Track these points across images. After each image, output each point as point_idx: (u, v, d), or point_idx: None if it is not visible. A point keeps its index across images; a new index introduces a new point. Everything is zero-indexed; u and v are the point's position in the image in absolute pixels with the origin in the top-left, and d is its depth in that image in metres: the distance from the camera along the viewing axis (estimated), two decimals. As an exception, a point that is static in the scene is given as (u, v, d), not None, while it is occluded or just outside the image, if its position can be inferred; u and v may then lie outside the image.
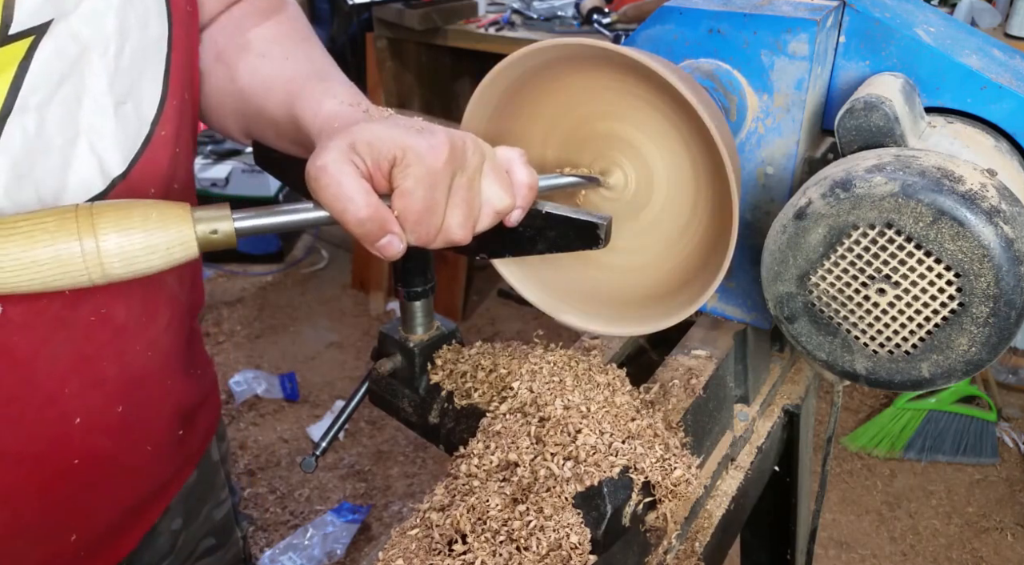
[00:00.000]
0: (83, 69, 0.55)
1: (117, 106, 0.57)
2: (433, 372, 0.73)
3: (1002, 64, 0.72)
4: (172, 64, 0.62)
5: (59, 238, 0.45)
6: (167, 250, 0.48)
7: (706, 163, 0.68)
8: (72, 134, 0.55)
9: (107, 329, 0.63)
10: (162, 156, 0.62)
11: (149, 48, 0.59)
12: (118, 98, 0.57)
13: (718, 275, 0.63)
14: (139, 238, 0.47)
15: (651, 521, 0.62)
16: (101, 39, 0.55)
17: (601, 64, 0.66)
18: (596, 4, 2.45)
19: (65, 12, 0.52)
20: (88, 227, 0.45)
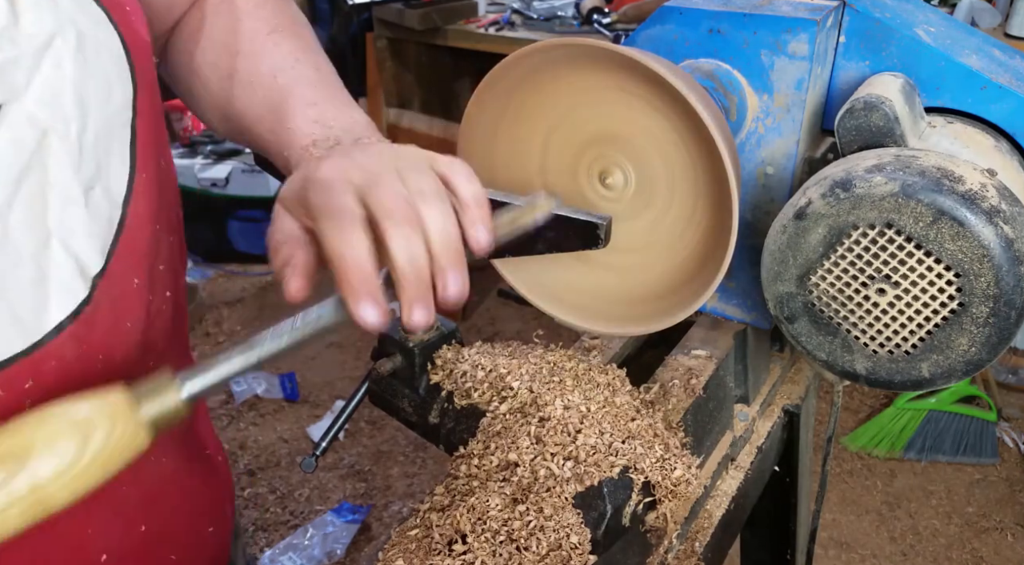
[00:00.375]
0: (45, 157, 0.46)
1: (86, 193, 0.48)
2: (433, 372, 0.73)
3: (1002, 64, 0.72)
4: (138, 132, 0.52)
5: None
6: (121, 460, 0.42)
7: (706, 163, 0.68)
8: (43, 236, 0.46)
9: None
10: (140, 238, 0.54)
11: (112, 120, 0.50)
12: (86, 184, 0.48)
13: (718, 275, 0.63)
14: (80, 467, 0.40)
15: (651, 521, 0.62)
16: (61, 119, 0.46)
17: (601, 64, 0.66)
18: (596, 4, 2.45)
19: (16, 93, 0.44)
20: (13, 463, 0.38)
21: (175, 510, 0.65)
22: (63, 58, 0.46)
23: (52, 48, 0.45)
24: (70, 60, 0.46)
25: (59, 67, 0.46)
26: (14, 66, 0.43)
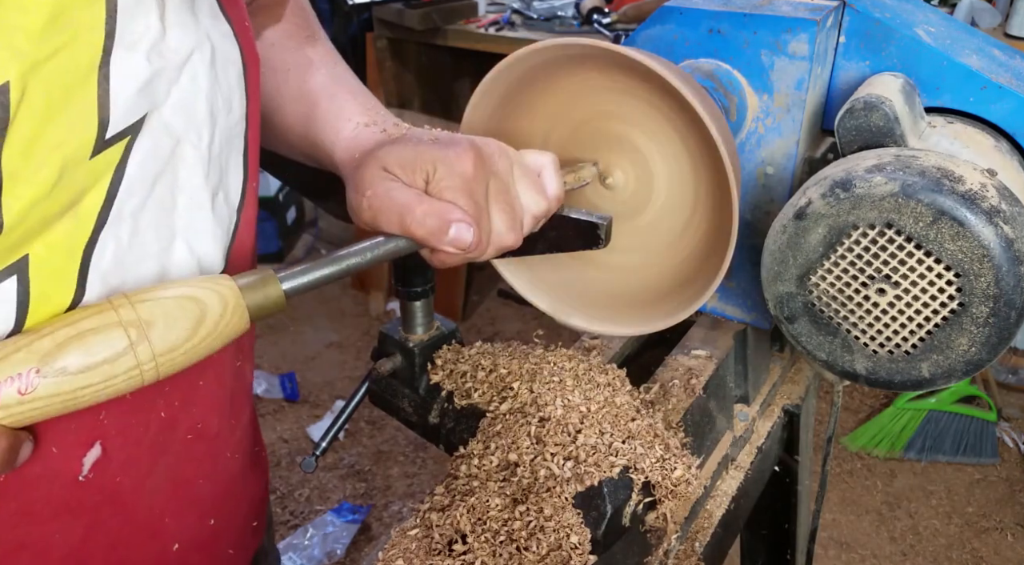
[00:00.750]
0: (176, 164, 0.49)
1: (213, 199, 0.52)
2: (433, 372, 0.73)
3: (1002, 64, 0.72)
4: (249, 142, 0.56)
5: (114, 357, 0.41)
6: (224, 341, 0.45)
7: (706, 163, 0.68)
8: (168, 236, 0.49)
9: (203, 444, 0.59)
10: (247, 242, 0.57)
11: (232, 130, 0.54)
12: (212, 190, 0.52)
13: (718, 275, 0.63)
14: (194, 340, 0.43)
15: (651, 521, 0.62)
16: (194, 128, 0.50)
17: (601, 64, 0.66)
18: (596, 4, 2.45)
19: (158, 104, 0.47)
20: (141, 338, 0.41)
21: (238, 505, 0.68)
22: (199, 72, 0.49)
23: (191, 62, 0.48)
24: (204, 74, 0.49)
25: (195, 80, 0.49)
26: (158, 79, 0.46)
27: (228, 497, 0.65)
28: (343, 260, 0.52)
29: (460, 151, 0.55)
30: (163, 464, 0.56)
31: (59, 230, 0.43)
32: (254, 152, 0.57)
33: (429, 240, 0.54)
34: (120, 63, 0.43)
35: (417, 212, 0.54)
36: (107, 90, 0.43)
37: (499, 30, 2.46)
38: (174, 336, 0.42)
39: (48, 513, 0.49)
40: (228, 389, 0.61)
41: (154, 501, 0.56)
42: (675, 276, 0.73)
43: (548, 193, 0.61)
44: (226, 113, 0.52)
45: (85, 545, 0.52)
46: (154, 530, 0.57)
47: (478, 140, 0.58)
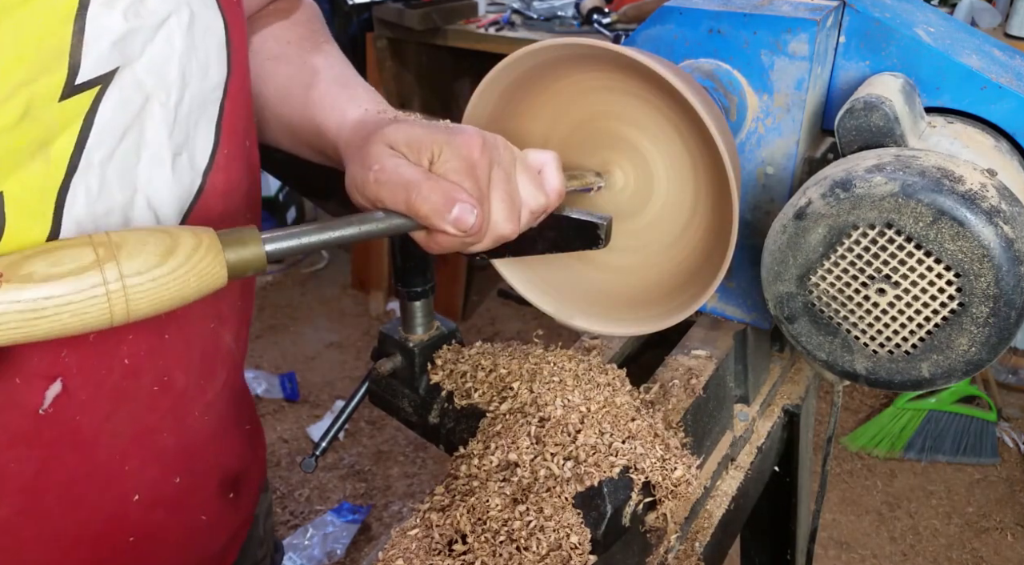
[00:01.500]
0: (144, 120, 0.51)
1: (174, 157, 0.53)
2: (433, 372, 0.73)
3: (1002, 64, 0.72)
4: (225, 112, 0.58)
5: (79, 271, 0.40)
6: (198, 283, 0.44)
7: (706, 163, 0.68)
8: (130, 190, 0.51)
9: (168, 397, 0.60)
10: (213, 207, 0.58)
11: (207, 96, 0.56)
12: (175, 149, 0.54)
13: (718, 275, 0.63)
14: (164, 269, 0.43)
15: (651, 521, 0.62)
16: (163, 87, 0.51)
17: (601, 64, 0.66)
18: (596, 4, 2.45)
19: (130, 59, 0.49)
20: (109, 257, 0.41)
21: (209, 469, 0.68)
22: (174, 34, 0.51)
23: (167, 24, 0.50)
24: (180, 37, 0.51)
25: (169, 42, 0.51)
26: (133, 36, 0.48)
27: (196, 458, 0.65)
28: (336, 228, 0.52)
29: (466, 137, 0.56)
30: (125, 411, 0.57)
31: (32, 170, 0.45)
32: (231, 121, 0.58)
33: (432, 218, 0.54)
34: (96, 17, 0.45)
35: (424, 188, 0.54)
36: (81, 40, 0.45)
37: (499, 30, 2.46)
38: (142, 260, 0.42)
39: (5, 442, 0.51)
40: (197, 348, 0.62)
41: (114, 446, 0.57)
42: (675, 276, 0.73)
43: (548, 189, 0.61)
44: (200, 78, 0.54)
45: (40, 479, 0.54)
46: (112, 475, 0.58)
47: (485, 132, 0.59)
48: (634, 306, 0.74)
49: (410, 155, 0.56)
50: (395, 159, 0.55)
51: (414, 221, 0.55)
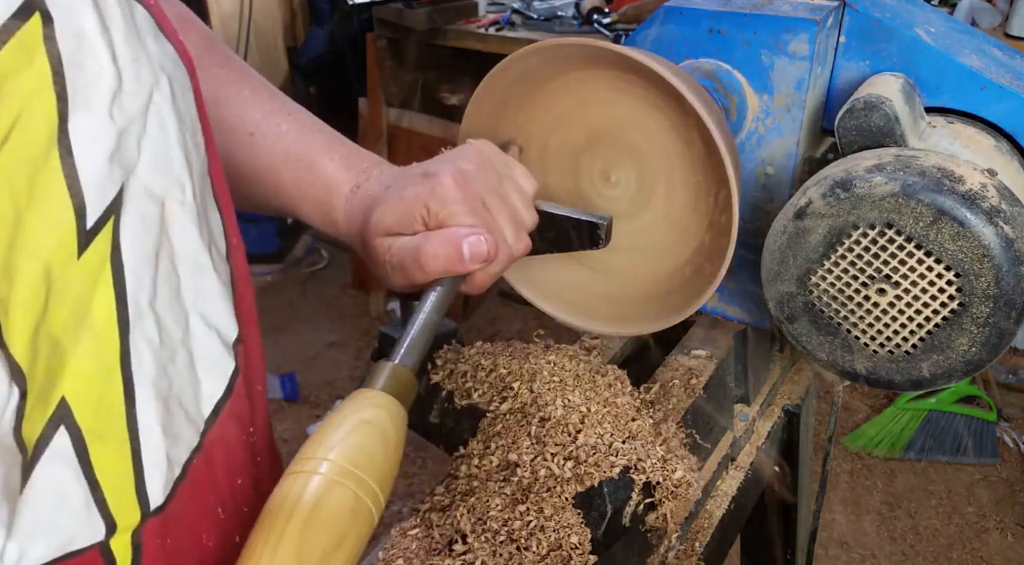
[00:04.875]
0: (169, 231, 0.41)
1: (210, 255, 0.44)
2: (433, 372, 0.73)
3: (1002, 64, 0.72)
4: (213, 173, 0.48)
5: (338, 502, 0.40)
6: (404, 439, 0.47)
7: (706, 163, 0.68)
8: (183, 318, 0.42)
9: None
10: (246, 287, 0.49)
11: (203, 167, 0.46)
12: (207, 246, 0.44)
13: (718, 275, 0.63)
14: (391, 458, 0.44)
15: (651, 522, 0.62)
16: (174, 183, 0.41)
17: (601, 64, 0.66)
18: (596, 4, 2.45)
19: (131, 166, 0.38)
20: (361, 484, 0.41)
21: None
22: (163, 113, 0.41)
23: (153, 105, 0.40)
24: (169, 114, 0.41)
25: (162, 126, 0.40)
26: (127, 137, 0.38)
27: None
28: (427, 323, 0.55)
29: (441, 177, 0.56)
30: None
31: (81, 354, 0.36)
32: (222, 187, 0.49)
33: (451, 267, 0.56)
34: (81, 129, 0.34)
35: (428, 249, 0.55)
36: (73, 167, 0.34)
37: (499, 30, 2.46)
38: (379, 463, 0.43)
39: None
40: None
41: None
42: (675, 276, 0.73)
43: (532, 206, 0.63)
44: (197, 153, 0.44)
45: None
46: None
47: (458, 159, 0.59)
48: (634, 306, 0.74)
49: (404, 230, 0.57)
50: (393, 242, 0.57)
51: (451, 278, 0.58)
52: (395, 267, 0.57)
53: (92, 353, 0.36)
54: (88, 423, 0.36)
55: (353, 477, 0.41)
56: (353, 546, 0.40)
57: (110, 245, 0.36)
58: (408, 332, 0.54)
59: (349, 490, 0.40)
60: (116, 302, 0.37)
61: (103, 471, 0.36)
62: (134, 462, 0.38)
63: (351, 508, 0.40)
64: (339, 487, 0.40)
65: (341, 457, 0.41)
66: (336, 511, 0.40)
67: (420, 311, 0.56)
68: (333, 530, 0.39)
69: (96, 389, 0.36)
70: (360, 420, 0.44)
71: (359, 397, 0.46)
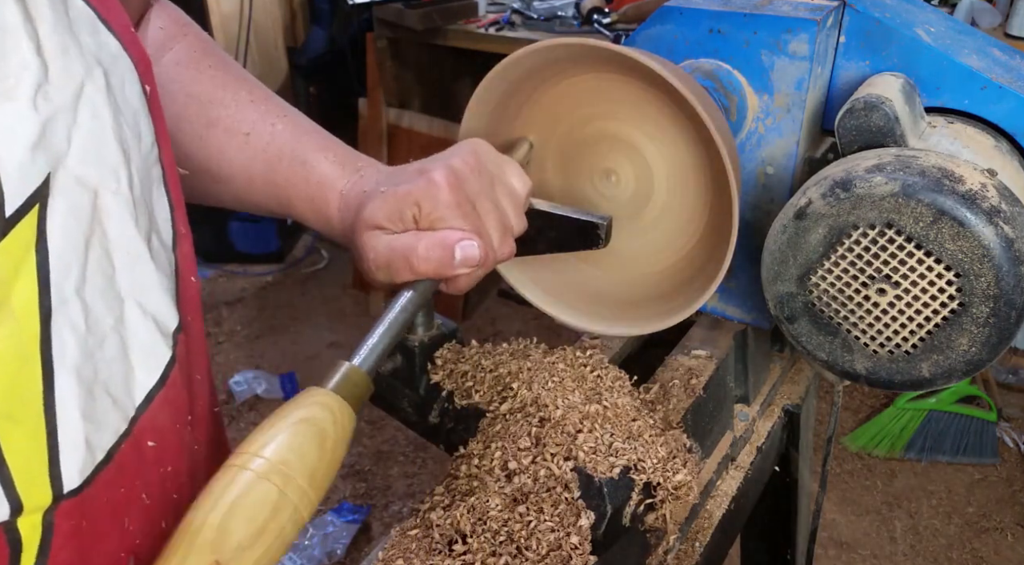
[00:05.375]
0: (102, 220, 0.42)
1: (148, 245, 0.45)
2: (433, 372, 0.73)
3: (1002, 64, 0.72)
4: (165, 165, 0.49)
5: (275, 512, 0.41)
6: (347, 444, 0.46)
7: (706, 163, 0.68)
8: (117, 305, 0.42)
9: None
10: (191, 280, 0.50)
11: (148, 159, 0.46)
12: (146, 236, 0.44)
13: (718, 275, 0.63)
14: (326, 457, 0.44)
15: (651, 522, 0.62)
16: (109, 173, 0.42)
17: (601, 64, 0.66)
18: (596, 4, 2.45)
19: (60, 156, 0.39)
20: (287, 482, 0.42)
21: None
22: (97, 105, 0.41)
23: (84, 95, 0.40)
24: (104, 105, 0.42)
25: (95, 116, 0.41)
26: (53, 127, 0.38)
27: None
28: (395, 323, 0.55)
29: (435, 177, 0.56)
30: None
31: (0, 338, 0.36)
32: (173, 177, 0.50)
33: (442, 271, 0.56)
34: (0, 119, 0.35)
35: (420, 250, 0.55)
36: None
37: (499, 30, 2.46)
38: (310, 462, 0.43)
39: None
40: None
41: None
42: (675, 276, 0.73)
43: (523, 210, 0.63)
44: (137, 143, 0.45)
45: None
46: None
47: (453, 158, 0.59)
48: (634, 306, 0.74)
49: (395, 226, 0.57)
50: (383, 238, 0.56)
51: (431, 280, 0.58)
52: (381, 265, 0.57)
53: (9, 337, 0.36)
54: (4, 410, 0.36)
55: (280, 474, 0.41)
56: (273, 541, 0.40)
57: (35, 232, 0.37)
58: (373, 332, 0.54)
59: (274, 487, 0.41)
60: (39, 288, 0.37)
61: (11, 452, 0.37)
62: (49, 445, 0.38)
63: (274, 504, 0.41)
64: (264, 483, 0.41)
65: (272, 454, 0.42)
66: (257, 507, 0.40)
67: (391, 310, 0.56)
68: (252, 525, 0.40)
69: (10, 372, 0.37)
70: (299, 418, 0.44)
71: (305, 395, 0.47)
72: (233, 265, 3.37)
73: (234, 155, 0.62)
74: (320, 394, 0.46)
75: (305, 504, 0.42)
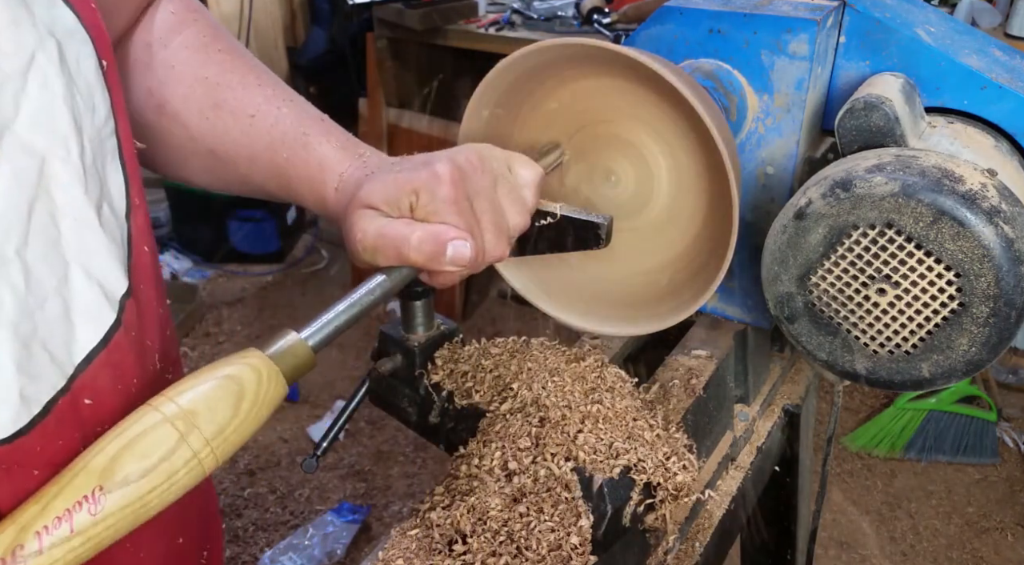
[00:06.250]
0: (49, 186, 0.44)
1: (98, 211, 0.47)
2: (433, 372, 0.73)
3: (1002, 64, 0.72)
4: (122, 139, 0.51)
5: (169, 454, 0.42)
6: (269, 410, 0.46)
7: (706, 163, 0.68)
8: (62, 268, 0.45)
9: None
10: (145, 251, 0.52)
11: (102, 132, 0.48)
12: (96, 202, 0.47)
13: (718, 275, 0.63)
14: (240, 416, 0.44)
15: (650, 522, 0.62)
16: (58, 141, 0.44)
17: (601, 64, 0.66)
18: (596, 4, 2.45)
19: (7, 121, 0.41)
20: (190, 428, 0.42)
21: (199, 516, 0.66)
22: (48, 75, 0.43)
23: (35, 65, 0.42)
24: (56, 76, 0.44)
25: (46, 86, 0.43)
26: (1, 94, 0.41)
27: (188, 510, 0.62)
28: (357, 304, 0.54)
29: (437, 171, 0.56)
30: None
31: None
32: (129, 150, 0.52)
33: (430, 265, 0.56)
34: None
35: (412, 240, 0.55)
36: None
37: (499, 30, 2.46)
38: (220, 417, 0.43)
39: None
40: None
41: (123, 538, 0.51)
42: (675, 276, 0.73)
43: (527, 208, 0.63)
44: (91, 115, 0.47)
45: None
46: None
47: (458, 155, 0.58)
48: (634, 306, 0.74)
49: (390, 210, 0.57)
50: (377, 220, 0.56)
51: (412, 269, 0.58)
52: (368, 246, 0.56)
53: None
54: None
55: (185, 421, 0.42)
56: (162, 482, 0.41)
57: None
58: (333, 307, 0.53)
59: (175, 432, 0.42)
60: None
61: None
62: None
63: (170, 447, 0.42)
64: (166, 426, 0.42)
65: (184, 401, 0.43)
66: (153, 446, 0.41)
67: (358, 290, 0.55)
68: (143, 462, 0.41)
69: None
70: (224, 374, 0.45)
71: (241, 354, 0.47)
72: (233, 265, 3.37)
73: (238, 136, 0.63)
74: (254, 356, 0.47)
75: (206, 455, 0.43)
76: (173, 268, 3.29)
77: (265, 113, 0.63)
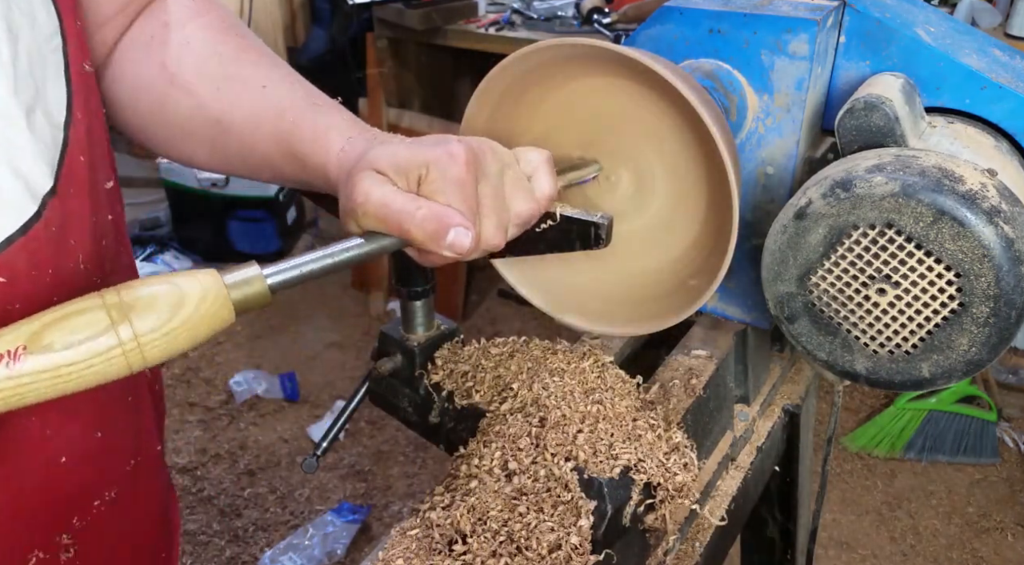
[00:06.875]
0: None
1: (28, 115, 0.51)
2: (433, 372, 0.73)
3: (1002, 64, 0.72)
4: (71, 59, 0.55)
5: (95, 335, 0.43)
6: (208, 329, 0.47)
7: (706, 163, 0.68)
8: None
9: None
10: (81, 162, 0.56)
11: (43, 46, 0.53)
12: (27, 107, 0.51)
13: (718, 275, 0.63)
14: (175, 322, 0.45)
15: (650, 522, 0.62)
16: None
17: (601, 64, 0.66)
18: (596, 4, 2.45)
19: None
20: (122, 318, 0.43)
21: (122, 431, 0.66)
22: None
23: None
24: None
25: None
26: None
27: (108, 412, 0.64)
28: (331, 256, 0.53)
29: (452, 150, 0.55)
30: None
31: None
32: (80, 71, 0.56)
33: (428, 244, 0.55)
34: None
35: (417, 216, 0.54)
36: None
37: (499, 30, 2.46)
38: (154, 317, 0.44)
39: None
40: None
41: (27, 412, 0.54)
42: (675, 276, 0.73)
43: (538, 195, 0.61)
44: (30, 28, 0.51)
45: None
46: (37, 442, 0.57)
47: (473, 141, 0.58)
48: (634, 306, 0.74)
49: (397, 179, 0.56)
50: (382, 187, 0.55)
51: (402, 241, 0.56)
52: (369, 212, 0.55)
53: None
54: None
55: (119, 311, 0.44)
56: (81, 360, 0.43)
57: None
58: (306, 254, 0.52)
59: (107, 318, 0.43)
60: None
61: None
62: None
63: (97, 331, 0.43)
64: (100, 311, 0.43)
65: (126, 294, 0.44)
66: (83, 325, 0.43)
67: (339, 244, 0.53)
68: (70, 336, 0.43)
69: None
70: (172, 281, 0.46)
71: (198, 270, 0.48)
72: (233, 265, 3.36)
73: (247, 103, 0.64)
74: (208, 275, 0.47)
75: (132, 348, 0.44)
76: (173, 268, 3.29)
77: (277, 85, 0.64)
